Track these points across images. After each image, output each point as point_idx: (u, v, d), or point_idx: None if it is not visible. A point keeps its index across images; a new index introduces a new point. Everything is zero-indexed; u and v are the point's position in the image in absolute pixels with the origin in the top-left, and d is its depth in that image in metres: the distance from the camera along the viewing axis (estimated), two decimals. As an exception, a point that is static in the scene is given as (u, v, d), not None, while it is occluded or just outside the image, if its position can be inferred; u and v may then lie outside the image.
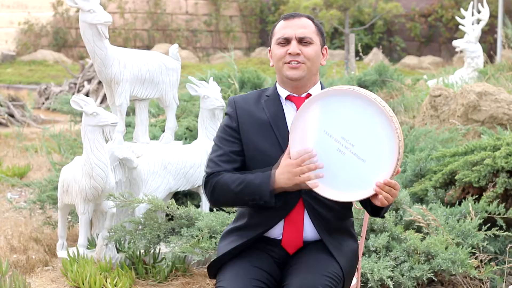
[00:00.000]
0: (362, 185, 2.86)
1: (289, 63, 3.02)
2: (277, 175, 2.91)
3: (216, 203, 3.08)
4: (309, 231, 3.04)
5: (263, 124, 3.04)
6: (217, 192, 3.02)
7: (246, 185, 2.94)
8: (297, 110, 3.03)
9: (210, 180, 3.04)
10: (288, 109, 3.07)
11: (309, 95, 3.07)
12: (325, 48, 3.12)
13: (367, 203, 2.99)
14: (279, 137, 3.02)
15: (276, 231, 3.06)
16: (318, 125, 2.89)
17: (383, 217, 3.06)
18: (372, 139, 2.84)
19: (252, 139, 3.04)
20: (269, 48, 3.14)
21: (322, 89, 3.10)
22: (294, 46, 3.01)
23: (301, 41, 3.02)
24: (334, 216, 3.04)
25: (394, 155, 2.83)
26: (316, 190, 2.88)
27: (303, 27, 3.04)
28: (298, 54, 3.01)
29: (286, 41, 3.03)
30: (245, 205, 3.02)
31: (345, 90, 2.88)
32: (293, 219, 3.03)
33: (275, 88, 3.12)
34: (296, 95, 3.08)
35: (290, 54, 3.01)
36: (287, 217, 3.02)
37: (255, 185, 2.93)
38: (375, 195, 2.86)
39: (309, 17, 3.09)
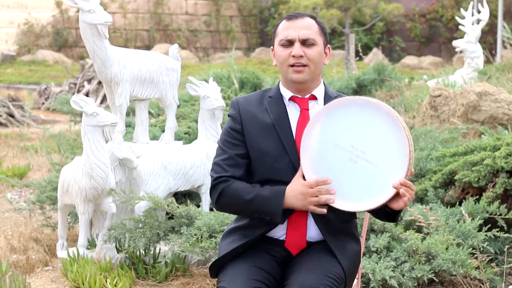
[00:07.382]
0: (379, 190, 2.83)
1: (292, 65, 3.00)
2: (288, 193, 2.91)
3: (222, 208, 3.07)
4: (313, 231, 3.03)
5: (267, 125, 3.02)
6: (225, 198, 3.00)
7: (256, 197, 2.93)
8: (300, 111, 3.02)
9: (217, 185, 3.01)
10: (292, 110, 3.05)
11: (312, 96, 3.05)
12: (328, 48, 3.10)
13: (381, 210, 2.95)
14: (282, 138, 2.99)
15: (279, 231, 3.04)
16: (327, 140, 2.87)
17: (396, 221, 3.02)
18: (381, 143, 2.82)
19: (255, 140, 3.02)
20: (271, 47, 3.12)
21: (325, 89, 3.09)
22: (297, 48, 2.99)
23: (304, 42, 3.00)
24: (337, 217, 3.01)
25: (405, 155, 2.80)
26: (336, 205, 2.87)
27: (306, 28, 3.01)
28: (301, 56, 2.99)
29: (289, 43, 3.00)
30: (250, 217, 3.01)
31: (347, 101, 2.88)
32: (296, 220, 3.01)
33: (278, 89, 3.09)
34: (300, 96, 3.06)
35: (293, 56, 2.99)
36: (290, 218, 3.00)
37: (266, 200, 2.92)
38: (392, 199, 2.83)
39: (312, 17, 3.06)
